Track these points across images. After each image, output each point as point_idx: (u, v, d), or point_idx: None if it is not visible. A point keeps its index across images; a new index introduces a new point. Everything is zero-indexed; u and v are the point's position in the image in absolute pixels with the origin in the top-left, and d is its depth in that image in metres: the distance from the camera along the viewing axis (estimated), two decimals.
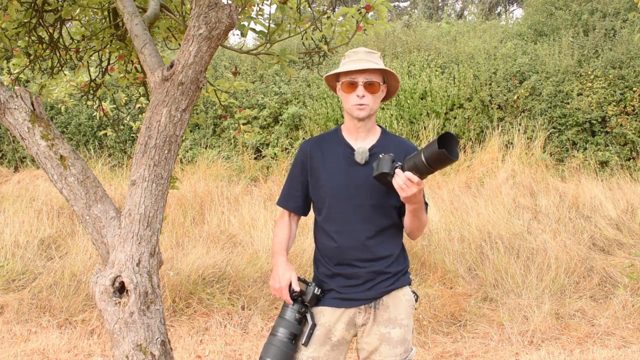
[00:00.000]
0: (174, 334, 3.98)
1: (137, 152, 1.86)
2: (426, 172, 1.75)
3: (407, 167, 1.78)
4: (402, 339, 1.96)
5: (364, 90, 1.91)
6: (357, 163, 1.95)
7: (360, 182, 1.93)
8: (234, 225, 5.83)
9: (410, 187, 1.77)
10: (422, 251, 5.01)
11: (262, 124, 8.43)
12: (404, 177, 1.76)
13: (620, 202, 6.01)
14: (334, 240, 1.96)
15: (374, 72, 1.93)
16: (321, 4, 3.02)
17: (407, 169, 1.77)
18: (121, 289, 1.81)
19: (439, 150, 1.67)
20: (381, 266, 1.95)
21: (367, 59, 1.94)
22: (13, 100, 1.92)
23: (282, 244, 2.04)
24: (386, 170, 1.80)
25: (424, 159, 1.72)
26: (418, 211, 1.89)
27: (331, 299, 1.96)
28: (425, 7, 19.81)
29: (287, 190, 2.10)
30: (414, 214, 1.90)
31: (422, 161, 1.73)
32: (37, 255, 5.14)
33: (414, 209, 1.88)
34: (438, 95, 7.88)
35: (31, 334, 3.97)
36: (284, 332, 1.92)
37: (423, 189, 1.83)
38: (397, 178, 1.78)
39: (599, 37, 8.28)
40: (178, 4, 2.88)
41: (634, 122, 7.25)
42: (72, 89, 3.69)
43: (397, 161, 1.82)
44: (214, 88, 3.15)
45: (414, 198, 1.80)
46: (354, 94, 1.92)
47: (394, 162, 1.81)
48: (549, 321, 3.95)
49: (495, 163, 7.05)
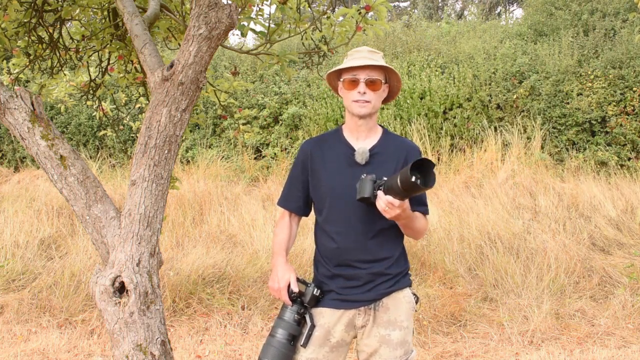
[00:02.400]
0: (174, 334, 3.98)
1: (137, 152, 1.86)
2: (404, 196, 1.73)
3: (386, 187, 1.76)
4: (402, 341, 1.95)
5: (365, 87, 1.90)
6: (357, 163, 1.94)
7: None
8: (234, 225, 5.83)
9: (393, 210, 1.76)
10: (422, 251, 5.02)
11: (262, 124, 8.43)
12: (385, 201, 1.75)
13: (619, 202, 6.02)
14: (334, 241, 1.95)
15: (375, 69, 1.92)
16: (321, 4, 3.03)
17: (387, 191, 1.76)
18: (121, 289, 1.81)
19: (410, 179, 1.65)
20: (381, 267, 1.94)
21: (369, 58, 1.93)
22: (13, 100, 1.92)
23: (281, 245, 2.04)
24: (366, 195, 1.80)
25: (399, 183, 1.70)
26: (408, 224, 1.90)
27: (331, 300, 1.95)
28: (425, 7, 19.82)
29: (287, 191, 2.09)
30: (404, 226, 1.92)
31: (397, 185, 1.71)
32: (37, 255, 5.14)
33: (403, 223, 1.89)
34: (437, 95, 7.88)
35: (31, 334, 3.97)
36: (283, 333, 1.91)
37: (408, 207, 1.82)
38: (379, 201, 1.78)
39: (599, 37, 8.28)
40: (178, 4, 2.88)
41: (634, 122, 7.25)
42: (72, 89, 3.69)
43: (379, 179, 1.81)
44: (214, 88, 3.15)
45: (398, 217, 1.81)
46: (355, 90, 1.91)
47: (375, 183, 1.81)
48: (549, 321, 3.95)
49: (495, 163, 7.05)
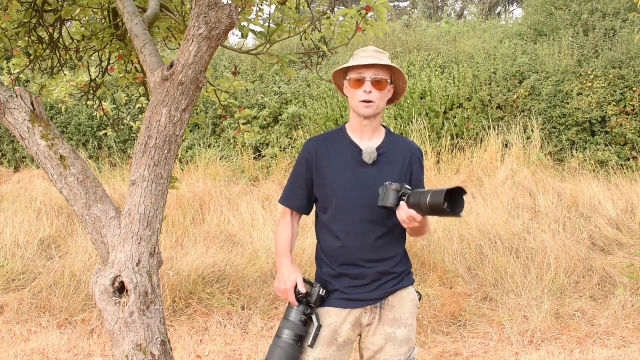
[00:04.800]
0: (174, 334, 3.98)
1: (137, 152, 1.86)
2: (427, 214, 1.76)
3: (412, 202, 1.78)
4: (407, 339, 1.97)
5: (371, 86, 1.91)
6: (364, 163, 1.94)
7: (368, 182, 1.92)
8: (234, 225, 5.83)
9: (412, 223, 1.79)
10: (422, 251, 5.02)
11: (262, 124, 8.43)
12: (408, 214, 1.78)
13: (619, 202, 6.01)
14: (339, 240, 1.95)
15: (382, 69, 1.93)
16: (321, 4, 3.03)
17: (411, 205, 1.78)
18: (121, 289, 1.81)
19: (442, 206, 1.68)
20: (387, 266, 1.95)
21: (376, 57, 1.94)
22: (13, 100, 1.92)
23: (285, 245, 2.03)
24: (389, 205, 1.84)
25: (427, 204, 1.72)
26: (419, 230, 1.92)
27: (337, 300, 1.95)
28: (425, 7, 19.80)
29: (290, 189, 2.08)
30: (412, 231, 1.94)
31: (426, 205, 1.73)
32: (37, 255, 5.14)
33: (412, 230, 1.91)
34: (437, 95, 7.88)
35: (31, 334, 3.97)
36: (290, 334, 1.91)
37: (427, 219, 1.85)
38: (400, 212, 1.81)
39: (599, 37, 8.28)
40: (178, 4, 2.89)
41: (634, 122, 7.26)
42: (72, 89, 3.69)
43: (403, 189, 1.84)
44: (214, 88, 3.15)
45: (414, 228, 1.84)
46: (361, 89, 1.91)
47: (399, 193, 1.83)
48: (549, 321, 3.95)
49: (495, 163, 7.06)
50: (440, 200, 1.68)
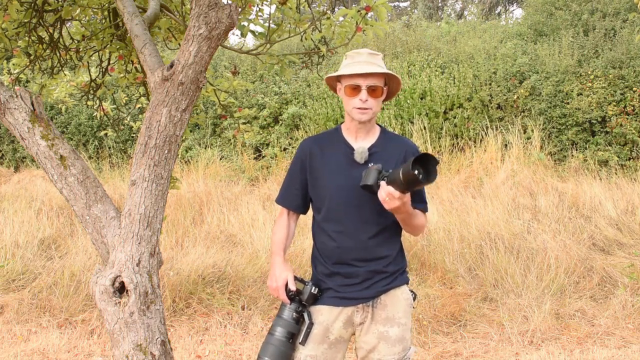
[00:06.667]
0: (174, 334, 3.98)
1: (137, 152, 1.86)
2: (405, 189, 1.76)
3: (389, 179, 1.79)
4: (401, 338, 1.97)
5: (367, 95, 1.90)
6: (356, 162, 1.95)
7: (359, 181, 1.92)
8: (234, 225, 5.83)
9: (393, 201, 1.78)
10: (422, 251, 5.02)
11: (262, 124, 8.43)
12: (386, 191, 1.78)
13: (620, 202, 6.01)
14: (333, 240, 1.96)
15: (377, 76, 1.92)
16: (321, 4, 3.03)
17: (389, 182, 1.78)
18: (121, 289, 1.81)
19: (412, 172, 1.68)
20: (379, 266, 1.96)
21: (370, 61, 1.92)
22: (13, 100, 1.92)
23: (279, 244, 2.05)
24: (370, 183, 1.83)
25: (401, 176, 1.73)
26: (407, 220, 1.91)
27: (329, 298, 1.97)
28: (425, 7, 19.79)
29: (286, 189, 2.09)
30: (403, 222, 1.94)
31: (400, 178, 1.73)
32: (37, 255, 5.13)
33: (402, 218, 1.90)
34: (437, 95, 7.88)
35: (31, 334, 3.97)
36: (282, 331, 1.93)
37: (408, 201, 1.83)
38: (380, 191, 1.80)
39: (599, 37, 8.28)
40: (178, 4, 2.89)
41: (634, 122, 7.25)
42: (72, 89, 3.69)
43: (384, 171, 1.84)
44: (214, 88, 3.15)
45: (397, 210, 1.82)
46: (357, 97, 1.91)
47: (380, 173, 1.83)
48: (549, 321, 3.95)
49: (495, 163, 7.05)
50: (409, 168, 1.69)
